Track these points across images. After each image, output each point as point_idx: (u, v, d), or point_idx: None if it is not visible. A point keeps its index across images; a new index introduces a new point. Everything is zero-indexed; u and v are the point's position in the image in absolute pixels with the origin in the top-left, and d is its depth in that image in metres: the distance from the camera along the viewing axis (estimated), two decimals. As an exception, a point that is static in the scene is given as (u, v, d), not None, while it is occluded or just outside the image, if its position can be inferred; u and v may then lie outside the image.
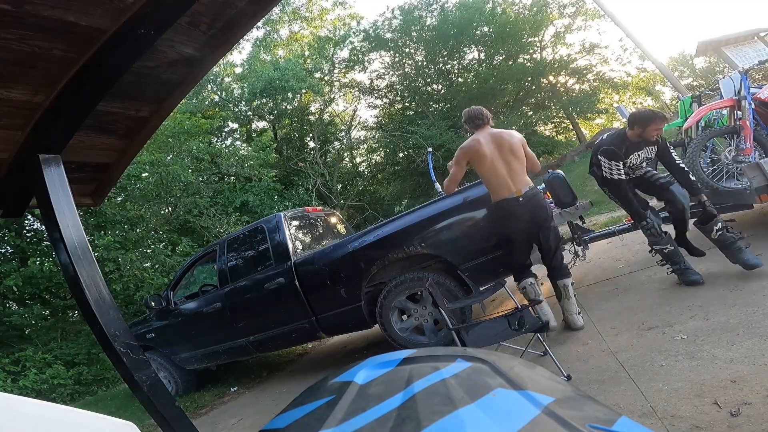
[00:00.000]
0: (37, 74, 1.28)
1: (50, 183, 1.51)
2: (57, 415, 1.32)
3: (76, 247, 1.52)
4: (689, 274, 3.01)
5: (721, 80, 4.23)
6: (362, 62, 18.35)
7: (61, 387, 6.55)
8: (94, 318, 1.48)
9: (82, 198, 1.99)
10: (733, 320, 2.32)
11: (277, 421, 0.33)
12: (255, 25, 1.49)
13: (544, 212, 3.04)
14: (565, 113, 19.93)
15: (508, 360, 0.36)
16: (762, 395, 1.66)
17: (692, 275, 3.00)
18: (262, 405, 4.02)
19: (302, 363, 5.24)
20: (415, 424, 0.27)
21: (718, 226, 2.92)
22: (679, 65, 21.59)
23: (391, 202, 17.09)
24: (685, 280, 3.03)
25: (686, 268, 3.04)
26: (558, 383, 0.34)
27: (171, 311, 4.61)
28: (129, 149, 1.86)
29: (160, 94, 1.64)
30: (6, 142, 1.49)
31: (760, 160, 3.14)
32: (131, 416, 2.79)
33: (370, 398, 0.31)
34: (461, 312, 3.37)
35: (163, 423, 1.51)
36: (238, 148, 14.18)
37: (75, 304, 8.04)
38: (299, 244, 4.26)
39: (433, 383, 0.31)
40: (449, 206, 3.43)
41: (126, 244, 8.67)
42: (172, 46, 1.40)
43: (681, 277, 3.07)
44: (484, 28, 17.93)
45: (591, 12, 17.69)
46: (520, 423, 0.27)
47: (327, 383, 0.36)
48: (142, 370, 1.51)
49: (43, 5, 1.08)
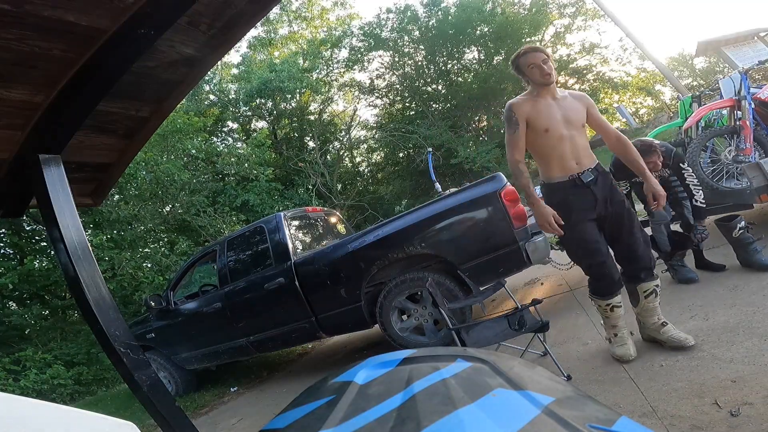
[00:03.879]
0: (37, 74, 1.28)
1: (50, 183, 1.51)
2: (57, 415, 1.32)
3: (76, 247, 1.52)
4: (684, 272, 3.08)
5: (721, 80, 4.23)
6: (361, 62, 18.34)
7: (61, 387, 6.56)
8: (94, 318, 1.47)
9: (82, 198, 1.99)
10: (733, 320, 2.32)
11: (277, 421, 0.33)
12: (255, 25, 1.48)
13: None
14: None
15: (508, 360, 0.36)
16: (762, 395, 1.66)
17: (688, 273, 3.07)
18: (262, 405, 4.02)
19: (302, 363, 5.23)
20: (415, 424, 0.27)
21: (742, 224, 2.94)
22: (679, 65, 21.57)
23: (391, 202, 17.07)
24: (680, 278, 3.09)
25: (682, 266, 3.12)
26: (558, 383, 0.34)
27: (171, 311, 4.61)
28: (129, 149, 1.86)
29: (160, 94, 1.64)
30: (6, 142, 1.49)
31: (760, 160, 3.14)
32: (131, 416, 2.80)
33: (370, 398, 0.31)
34: (461, 312, 3.37)
35: (163, 423, 1.51)
36: (236, 147, 14.17)
37: (75, 304, 8.03)
38: (299, 244, 4.26)
39: (433, 383, 0.31)
40: (449, 206, 3.43)
41: (121, 243, 8.66)
42: (172, 46, 1.40)
43: (675, 276, 3.15)
44: (484, 28, 17.92)
45: (591, 12, 17.68)
46: (520, 423, 0.27)
47: (327, 383, 0.36)
48: (142, 370, 1.51)
49: (43, 5, 1.08)
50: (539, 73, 2.16)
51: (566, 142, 2.19)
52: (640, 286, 2.32)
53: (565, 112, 2.21)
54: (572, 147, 2.20)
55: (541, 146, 2.24)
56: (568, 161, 2.21)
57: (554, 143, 2.20)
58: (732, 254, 3.04)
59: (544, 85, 2.19)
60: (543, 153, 2.26)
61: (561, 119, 2.19)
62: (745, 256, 2.93)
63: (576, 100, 2.28)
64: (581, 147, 2.22)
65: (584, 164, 2.21)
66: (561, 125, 2.18)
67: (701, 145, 3.62)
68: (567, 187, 2.22)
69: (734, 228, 2.95)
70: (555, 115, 2.19)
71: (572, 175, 2.21)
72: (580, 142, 2.22)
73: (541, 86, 2.20)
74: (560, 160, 2.22)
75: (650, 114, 18.99)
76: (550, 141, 2.20)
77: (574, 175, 2.21)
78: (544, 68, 2.15)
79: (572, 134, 2.20)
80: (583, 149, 2.23)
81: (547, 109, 2.19)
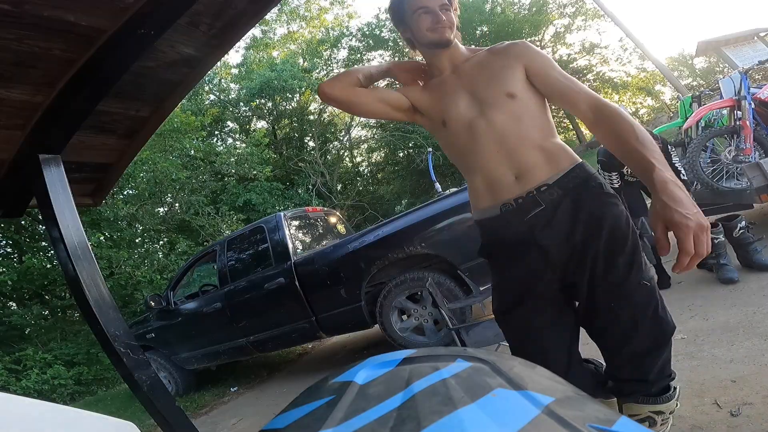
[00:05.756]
0: (36, 74, 1.28)
1: (50, 183, 1.51)
2: (57, 415, 1.32)
3: (76, 247, 1.52)
4: (725, 271, 2.90)
5: (721, 80, 4.24)
6: (361, 61, 18.35)
7: (62, 387, 6.57)
8: (94, 318, 1.48)
9: (82, 198, 1.99)
10: (733, 320, 2.32)
11: (277, 421, 0.33)
12: (255, 25, 1.48)
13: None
14: (564, 113, 19.92)
15: (508, 360, 0.36)
16: (762, 395, 1.66)
17: (729, 272, 2.88)
18: (262, 405, 4.02)
19: (302, 363, 5.24)
20: (415, 424, 0.27)
21: (742, 224, 2.94)
22: (679, 65, 21.58)
23: (392, 202, 17.08)
24: (720, 277, 2.91)
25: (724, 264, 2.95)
26: (558, 383, 0.34)
27: (171, 311, 4.61)
28: (129, 149, 1.86)
29: (160, 94, 1.64)
30: (6, 142, 1.49)
31: (760, 160, 3.14)
32: (131, 416, 2.80)
33: (370, 398, 0.31)
34: (461, 312, 3.36)
35: (163, 423, 1.51)
36: (235, 147, 14.17)
37: (75, 304, 8.04)
38: (299, 244, 4.26)
39: (433, 383, 0.31)
40: (449, 206, 3.43)
41: (120, 243, 8.67)
42: (172, 46, 1.40)
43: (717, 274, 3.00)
44: (484, 28, 17.94)
45: (591, 12, 17.69)
46: (520, 423, 0.27)
47: (327, 383, 0.36)
48: (142, 370, 1.51)
49: (43, 5, 1.08)
50: (430, 22, 1.18)
51: (484, 139, 1.14)
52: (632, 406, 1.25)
53: (472, 82, 1.20)
54: (499, 145, 1.13)
55: (449, 153, 1.28)
56: (496, 175, 1.15)
57: (462, 144, 1.20)
58: (732, 254, 3.04)
59: (436, 47, 1.23)
60: (457, 164, 1.27)
61: (467, 99, 1.19)
62: (745, 256, 2.93)
63: (496, 55, 1.22)
64: (520, 140, 1.13)
65: (533, 176, 1.12)
66: (468, 109, 1.18)
67: (701, 145, 3.62)
68: (498, 229, 1.16)
69: (734, 228, 2.95)
70: (456, 95, 1.21)
71: (506, 205, 1.14)
72: (513, 130, 1.13)
73: (432, 48, 1.24)
74: (481, 174, 1.18)
75: (650, 114, 18.99)
76: (455, 141, 1.22)
77: (509, 203, 1.13)
78: (440, 16, 1.17)
79: (493, 120, 1.14)
80: (528, 143, 1.13)
81: (440, 87, 1.24)
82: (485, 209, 1.19)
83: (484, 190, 1.18)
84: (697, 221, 0.87)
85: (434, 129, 1.28)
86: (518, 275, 1.16)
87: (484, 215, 1.20)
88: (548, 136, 1.16)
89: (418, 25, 1.20)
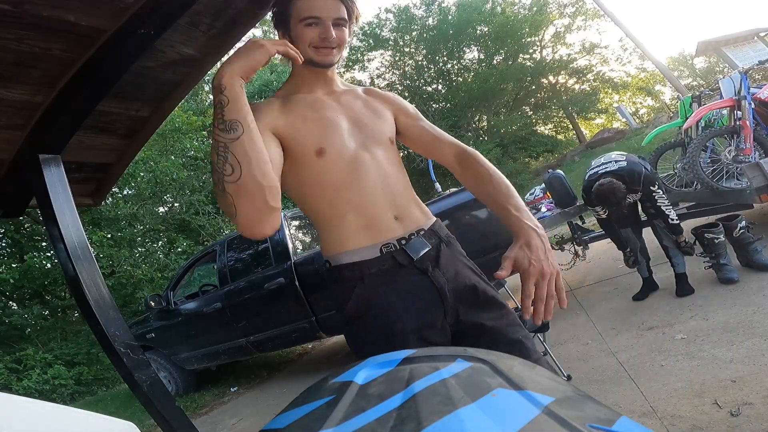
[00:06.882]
0: (36, 74, 1.28)
1: (50, 183, 1.51)
2: (57, 415, 1.33)
3: (76, 247, 1.52)
4: (726, 271, 2.90)
5: (721, 80, 4.23)
6: (361, 61, 18.38)
7: (62, 387, 6.58)
8: (94, 318, 1.47)
9: (82, 198, 1.99)
10: (733, 320, 2.32)
11: (277, 421, 0.33)
12: (255, 25, 1.48)
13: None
14: (564, 113, 19.95)
15: (508, 360, 0.36)
16: (762, 395, 1.66)
17: (729, 273, 2.89)
18: (262, 405, 4.03)
19: (302, 363, 5.24)
20: (415, 424, 0.27)
21: (742, 224, 2.95)
22: (679, 65, 21.59)
23: (391, 202, 17.07)
24: (721, 277, 2.91)
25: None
26: (558, 383, 0.34)
27: (171, 311, 4.61)
28: (129, 149, 1.86)
29: (160, 94, 1.64)
30: (6, 142, 1.49)
31: (760, 160, 3.14)
32: (131, 416, 2.79)
33: (370, 398, 0.31)
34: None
35: (163, 423, 1.51)
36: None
37: (75, 304, 8.05)
38: (299, 244, 4.26)
39: (433, 383, 0.31)
40: (449, 206, 3.42)
41: (120, 242, 8.68)
42: (172, 46, 1.40)
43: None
44: (484, 28, 17.96)
45: (591, 12, 17.71)
46: (520, 423, 0.27)
47: (327, 383, 0.36)
48: (142, 370, 1.51)
49: (43, 5, 1.08)
50: (317, 38, 1.02)
51: (369, 175, 1.03)
52: None
53: (357, 113, 1.10)
54: (383, 182, 1.04)
55: (314, 189, 1.04)
56: (376, 213, 1.02)
57: (339, 178, 1.01)
58: (732, 254, 3.04)
59: (317, 67, 1.06)
60: (320, 202, 1.05)
61: (348, 127, 1.06)
62: (745, 256, 2.93)
63: (374, 96, 1.18)
64: (400, 183, 1.08)
65: (411, 220, 1.06)
66: (351, 139, 1.04)
67: (701, 145, 3.62)
68: (378, 274, 1.00)
69: (735, 228, 2.96)
70: (338, 121, 1.05)
71: (387, 245, 1.01)
72: (394, 172, 1.08)
73: (310, 68, 1.06)
74: (357, 213, 1.02)
75: (650, 114, 19.01)
76: (331, 174, 1.01)
77: (391, 244, 1.01)
78: (330, 34, 1.01)
79: (378, 156, 1.06)
80: (406, 188, 1.10)
81: (312, 106, 1.06)
82: (358, 250, 1.00)
83: (358, 229, 1.01)
84: (539, 268, 0.93)
85: (299, 160, 1.01)
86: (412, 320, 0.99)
87: (355, 257, 1.01)
88: (409, 186, 1.13)
89: (302, 37, 1.02)
